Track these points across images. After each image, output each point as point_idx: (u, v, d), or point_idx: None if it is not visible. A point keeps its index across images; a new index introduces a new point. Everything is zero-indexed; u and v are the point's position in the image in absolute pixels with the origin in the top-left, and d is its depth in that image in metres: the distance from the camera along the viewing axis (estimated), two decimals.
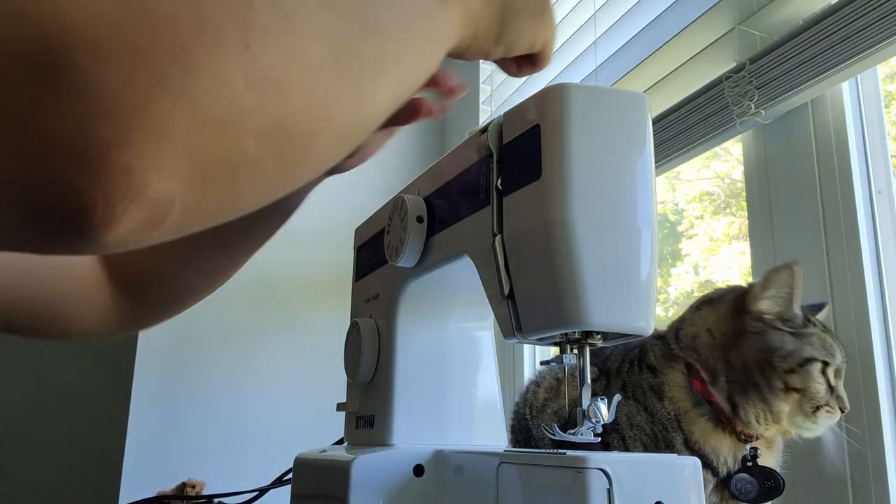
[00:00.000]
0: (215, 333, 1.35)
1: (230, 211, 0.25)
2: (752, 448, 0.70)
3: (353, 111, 0.27)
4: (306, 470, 0.66)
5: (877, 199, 0.83)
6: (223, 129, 0.22)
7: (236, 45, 0.21)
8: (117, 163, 0.19)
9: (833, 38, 0.79)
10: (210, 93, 0.21)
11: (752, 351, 0.70)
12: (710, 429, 0.70)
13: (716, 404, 0.70)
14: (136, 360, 1.26)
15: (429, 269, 0.60)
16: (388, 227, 0.64)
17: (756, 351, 0.70)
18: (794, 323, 0.70)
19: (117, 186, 0.20)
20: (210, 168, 0.22)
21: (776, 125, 0.93)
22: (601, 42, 1.22)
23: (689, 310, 0.78)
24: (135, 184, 0.20)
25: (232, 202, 0.25)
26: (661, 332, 0.77)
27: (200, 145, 0.21)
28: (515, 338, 0.49)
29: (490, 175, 0.51)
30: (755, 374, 0.69)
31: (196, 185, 0.22)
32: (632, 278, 0.46)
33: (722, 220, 1.40)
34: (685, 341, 0.74)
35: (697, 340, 0.73)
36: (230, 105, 0.21)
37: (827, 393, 0.68)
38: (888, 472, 0.75)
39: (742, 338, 0.71)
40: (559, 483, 0.45)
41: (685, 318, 0.77)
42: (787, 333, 0.69)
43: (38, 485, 1.40)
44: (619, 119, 0.47)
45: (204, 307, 1.34)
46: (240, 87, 0.21)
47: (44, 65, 0.18)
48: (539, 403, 0.81)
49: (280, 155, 0.24)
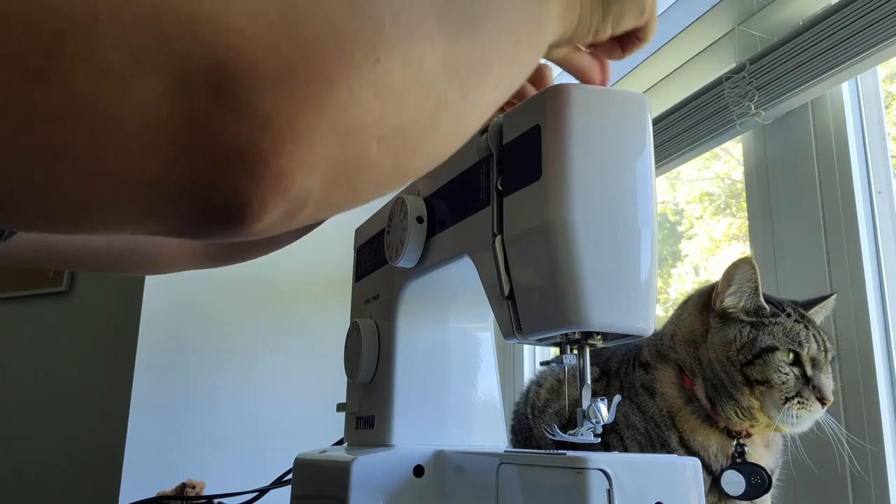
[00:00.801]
0: (216, 333, 1.35)
1: (348, 206, 0.29)
2: (738, 444, 0.69)
3: (459, 114, 0.30)
4: (306, 470, 0.66)
5: (877, 200, 0.83)
6: (353, 135, 0.24)
7: (369, 62, 0.24)
8: (273, 169, 0.23)
9: (833, 39, 0.79)
10: (345, 105, 0.23)
11: (714, 346, 0.70)
12: (699, 425, 0.70)
13: (700, 401, 0.70)
14: (136, 360, 1.26)
15: (429, 269, 0.60)
16: (388, 227, 0.64)
17: (716, 346, 0.69)
18: (758, 314, 0.69)
19: (271, 187, 0.23)
20: (339, 170, 0.25)
21: (776, 126, 0.93)
22: None
23: (675, 309, 0.79)
24: (284, 185, 0.23)
25: (351, 199, 0.28)
26: (657, 330, 0.78)
27: (334, 151, 0.24)
28: (515, 338, 0.49)
29: (490, 175, 0.51)
30: (718, 370, 0.69)
31: (327, 184, 0.25)
32: (632, 279, 0.46)
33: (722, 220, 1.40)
34: (666, 341, 0.75)
35: (675, 339, 0.74)
36: (360, 115, 0.24)
37: (798, 383, 0.66)
38: (888, 473, 0.75)
39: (707, 335, 0.71)
40: (559, 483, 0.45)
41: (669, 317, 0.78)
42: (745, 325, 0.69)
43: (39, 485, 1.40)
44: (619, 119, 0.47)
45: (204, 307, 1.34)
46: (369, 98, 0.24)
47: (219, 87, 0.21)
48: (541, 404, 0.81)
49: (396, 157, 0.27)
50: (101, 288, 1.45)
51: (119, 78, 0.19)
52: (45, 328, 1.50)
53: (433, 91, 0.27)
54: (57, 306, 1.50)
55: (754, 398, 0.67)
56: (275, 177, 0.23)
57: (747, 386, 0.67)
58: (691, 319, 0.74)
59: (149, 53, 0.19)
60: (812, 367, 0.67)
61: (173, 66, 0.20)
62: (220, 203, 0.23)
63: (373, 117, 0.25)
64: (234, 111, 0.21)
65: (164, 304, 1.31)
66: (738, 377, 0.67)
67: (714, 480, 0.69)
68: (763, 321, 0.69)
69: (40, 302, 1.53)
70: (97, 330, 1.42)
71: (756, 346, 0.67)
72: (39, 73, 0.18)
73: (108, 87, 0.19)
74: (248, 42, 0.21)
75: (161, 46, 0.20)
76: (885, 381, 0.78)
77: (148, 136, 0.21)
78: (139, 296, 1.30)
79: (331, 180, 0.25)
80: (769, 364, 0.66)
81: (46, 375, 1.46)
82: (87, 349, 1.42)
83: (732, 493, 0.68)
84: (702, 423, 0.70)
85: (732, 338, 0.68)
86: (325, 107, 0.23)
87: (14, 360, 1.52)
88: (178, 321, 1.32)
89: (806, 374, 0.67)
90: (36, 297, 1.53)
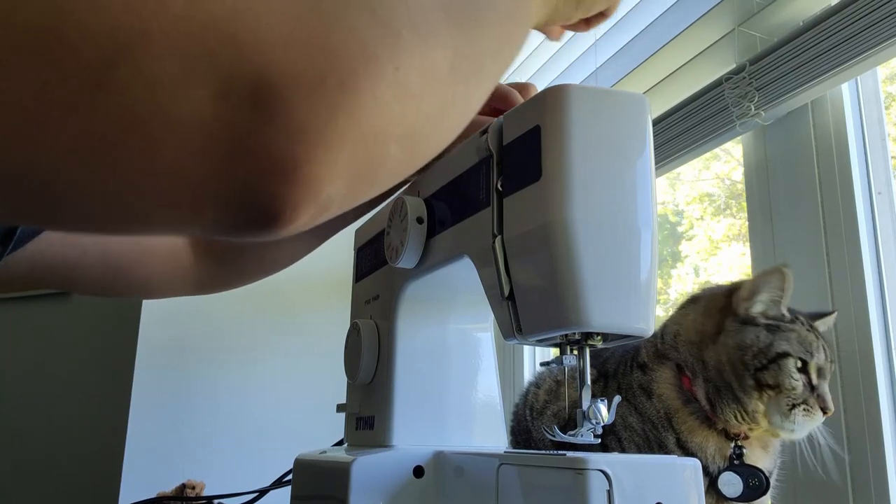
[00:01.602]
0: (216, 334, 1.35)
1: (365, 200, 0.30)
2: (736, 446, 0.69)
3: (461, 110, 0.31)
4: (306, 471, 0.66)
5: (877, 201, 0.83)
6: (377, 139, 0.26)
7: (389, 69, 0.25)
8: (307, 174, 0.24)
9: (833, 40, 0.79)
10: (370, 111, 0.25)
11: (726, 349, 0.69)
12: (697, 426, 0.70)
13: (700, 402, 0.70)
14: (136, 360, 1.26)
15: (429, 270, 0.60)
16: (388, 228, 0.64)
17: (730, 349, 0.69)
18: (776, 319, 0.69)
19: (303, 194, 0.25)
20: (362, 171, 0.27)
21: (776, 126, 0.93)
22: (601, 43, 1.22)
23: (677, 308, 0.79)
24: (314, 188, 0.25)
25: (370, 194, 0.29)
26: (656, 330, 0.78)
27: (359, 154, 0.26)
28: (515, 339, 0.49)
29: (490, 176, 0.51)
30: (727, 372, 0.69)
31: (351, 185, 0.27)
32: (632, 279, 0.46)
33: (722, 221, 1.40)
34: (668, 340, 0.75)
35: (678, 339, 0.74)
36: (382, 119, 0.26)
37: (805, 391, 0.67)
38: (888, 474, 0.75)
39: (718, 336, 0.71)
40: (559, 484, 0.45)
41: (671, 317, 0.78)
42: (762, 329, 0.69)
43: (39, 485, 1.40)
44: (619, 120, 0.47)
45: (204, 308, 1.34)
46: (390, 102, 0.26)
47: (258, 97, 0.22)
48: (539, 405, 0.81)
49: (411, 153, 0.29)
50: None
51: (171, 88, 0.21)
52: (46, 329, 1.50)
53: (444, 91, 0.29)
54: (57, 307, 1.50)
55: (761, 402, 0.67)
56: (307, 183, 0.24)
57: (757, 390, 0.67)
58: (702, 320, 0.73)
59: (196, 66, 0.21)
60: (817, 377, 0.68)
61: (218, 77, 0.22)
62: (258, 208, 0.25)
63: (393, 120, 0.26)
64: (271, 120, 0.23)
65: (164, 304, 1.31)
66: (750, 381, 0.67)
67: (711, 482, 0.69)
68: (780, 326, 0.69)
69: (41, 303, 1.53)
70: (97, 330, 1.42)
71: (772, 351, 0.67)
72: (102, 82, 0.20)
73: (162, 97, 0.21)
74: (283, 55, 0.22)
75: (207, 60, 0.21)
76: (885, 381, 0.78)
77: (198, 141, 0.22)
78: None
79: (354, 181, 0.27)
80: (783, 370, 0.67)
81: (47, 376, 1.46)
82: (87, 350, 1.42)
83: (730, 494, 0.68)
84: (700, 424, 0.70)
85: (749, 342, 0.68)
86: (352, 114, 0.24)
87: (14, 360, 1.52)
88: (178, 322, 1.32)
89: (811, 382, 0.67)
90: (36, 297, 1.53)
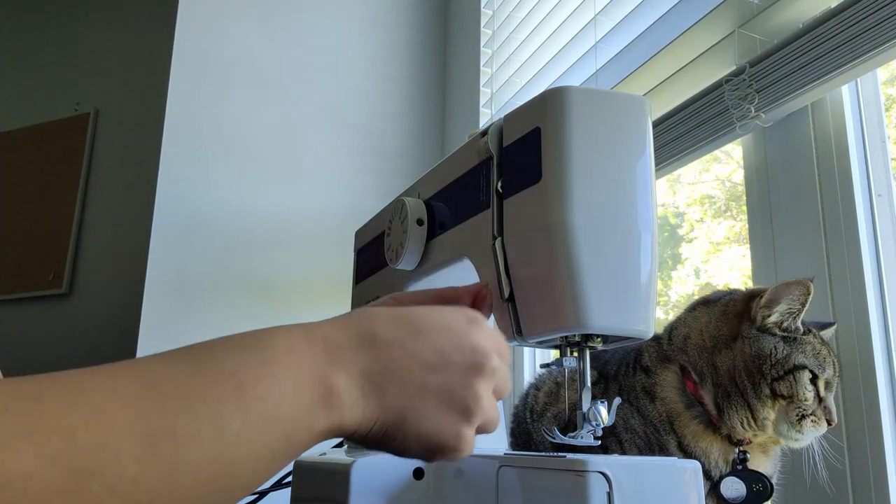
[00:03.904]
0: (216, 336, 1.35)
1: None
2: (741, 451, 0.69)
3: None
4: (306, 473, 0.66)
5: (877, 202, 0.83)
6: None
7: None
8: None
9: (833, 42, 0.79)
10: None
11: (743, 356, 0.69)
12: (701, 431, 0.70)
13: (706, 406, 0.70)
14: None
15: (429, 271, 0.60)
16: (388, 229, 0.64)
17: (747, 356, 0.69)
18: (792, 331, 0.70)
19: None
20: None
21: (776, 128, 0.93)
22: (601, 45, 1.22)
23: (685, 310, 0.78)
24: None
25: None
26: (658, 333, 0.77)
27: None
28: (515, 341, 0.49)
29: (490, 178, 0.51)
30: (742, 379, 0.69)
31: None
32: (632, 281, 0.46)
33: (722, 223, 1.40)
34: (676, 342, 0.74)
35: (688, 342, 0.73)
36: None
37: (815, 403, 0.68)
38: (888, 476, 0.75)
39: (734, 342, 0.71)
40: (559, 486, 0.45)
41: (679, 319, 0.77)
42: (780, 340, 0.69)
43: None
44: (619, 122, 0.47)
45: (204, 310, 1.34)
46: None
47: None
48: (539, 407, 0.81)
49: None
50: (101, 289, 1.45)
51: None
52: (46, 330, 1.50)
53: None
54: (57, 308, 1.50)
55: (773, 411, 0.68)
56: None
57: (771, 398, 0.67)
58: (717, 324, 0.73)
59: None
60: (825, 389, 0.69)
61: None
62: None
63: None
64: None
65: (165, 305, 1.31)
66: (766, 390, 0.68)
67: (713, 486, 0.69)
68: (796, 338, 0.69)
69: (41, 304, 1.53)
70: (97, 331, 1.42)
71: (789, 362, 0.68)
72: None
73: None
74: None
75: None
76: (885, 384, 0.78)
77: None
78: (139, 296, 1.30)
79: None
80: (799, 382, 0.67)
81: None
82: (87, 351, 1.42)
83: (732, 499, 0.68)
84: (704, 428, 0.70)
85: (768, 352, 0.68)
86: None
87: (14, 361, 1.52)
88: (178, 323, 1.32)
89: (819, 394, 0.68)
90: (36, 298, 1.53)
